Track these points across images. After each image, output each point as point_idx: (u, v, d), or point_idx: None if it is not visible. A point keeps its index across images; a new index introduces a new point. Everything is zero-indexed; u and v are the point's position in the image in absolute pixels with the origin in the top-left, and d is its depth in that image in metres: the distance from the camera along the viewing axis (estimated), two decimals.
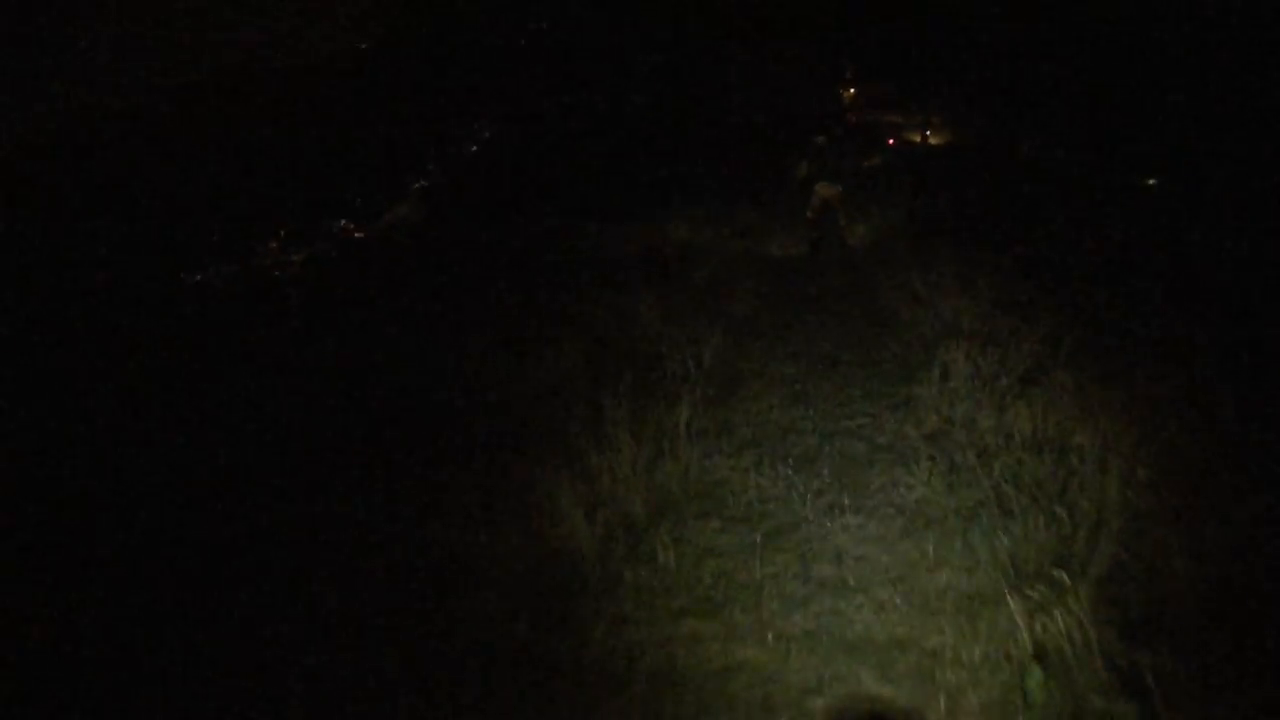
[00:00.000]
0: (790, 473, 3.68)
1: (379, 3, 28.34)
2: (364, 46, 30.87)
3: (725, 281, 6.96)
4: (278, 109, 30.53)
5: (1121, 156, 13.90)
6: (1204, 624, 2.42)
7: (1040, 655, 2.44)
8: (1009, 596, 2.70)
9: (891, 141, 21.04)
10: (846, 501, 3.44)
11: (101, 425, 4.55)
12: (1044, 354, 4.44)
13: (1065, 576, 2.71)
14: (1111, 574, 2.73)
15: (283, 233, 26.05)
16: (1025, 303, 5.35)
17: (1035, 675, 2.36)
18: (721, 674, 2.53)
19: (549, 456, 3.65)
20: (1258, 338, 4.31)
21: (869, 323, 6.04)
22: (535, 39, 28.90)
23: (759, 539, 3.22)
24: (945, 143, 21.31)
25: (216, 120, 30.37)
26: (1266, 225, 6.98)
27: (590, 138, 22.08)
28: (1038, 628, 2.54)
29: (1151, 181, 12.01)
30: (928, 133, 21.17)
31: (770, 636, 2.67)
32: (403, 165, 28.41)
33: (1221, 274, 5.85)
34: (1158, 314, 4.92)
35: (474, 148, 29.71)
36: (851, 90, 24.89)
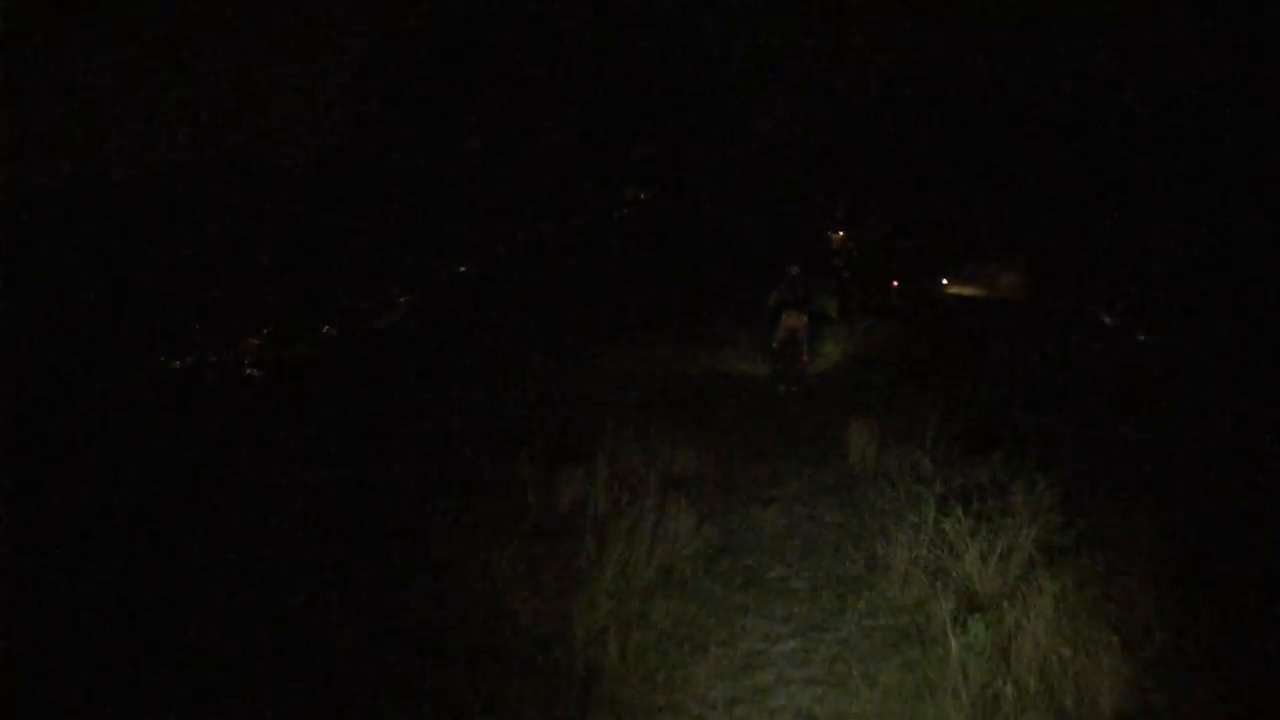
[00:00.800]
0: None
1: (361, 102, 27.94)
2: (352, 143, 30.74)
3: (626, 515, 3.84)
4: (266, 200, 30.63)
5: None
6: None
7: None
8: None
9: (894, 283, 19.41)
10: None
11: (75, 498, 4.50)
12: None
13: None
14: None
15: (266, 331, 25.88)
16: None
17: None
18: None
19: None
20: None
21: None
22: (528, 157, 28.17)
23: None
24: (955, 293, 19.51)
25: (211, 207, 30.25)
26: None
27: (571, 266, 20.91)
28: None
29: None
30: (944, 281, 19.20)
31: None
32: (391, 275, 28.07)
33: None
34: None
35: (459, 267, 28.88)
36: (841, 233, 23.98)
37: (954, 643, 2.72)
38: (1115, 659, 2.32)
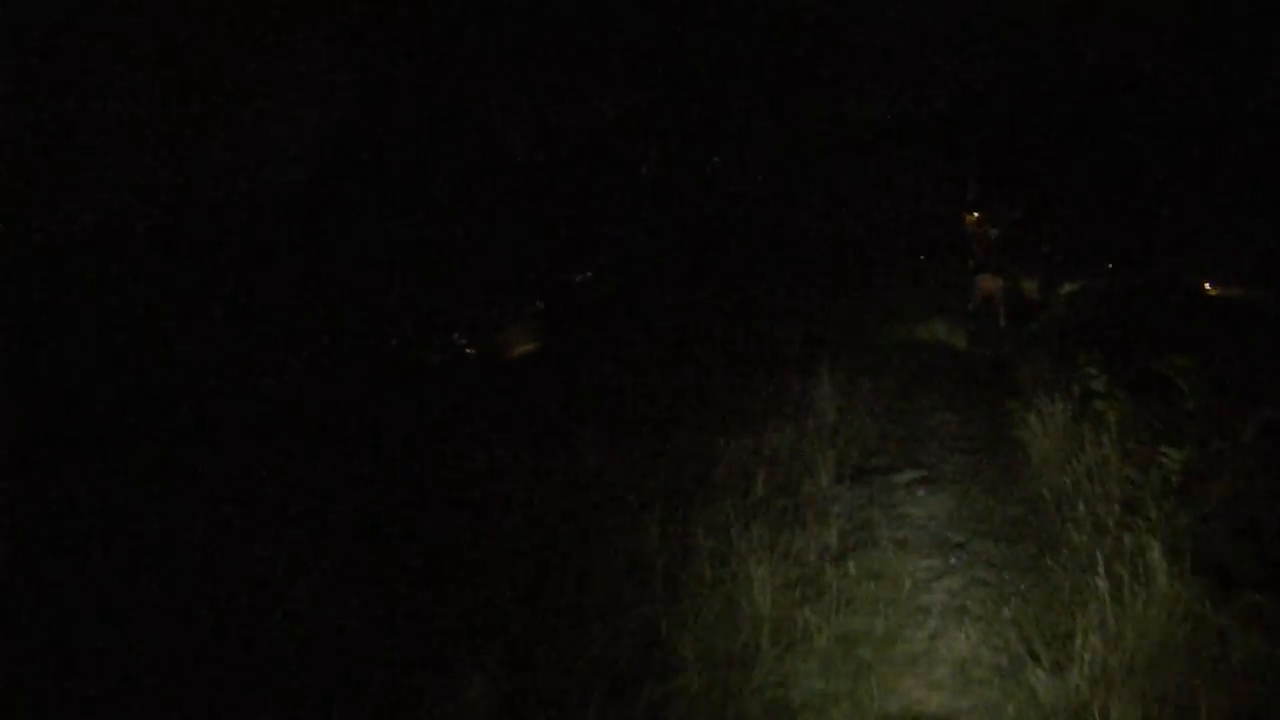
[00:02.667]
0: None
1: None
2: None
3: None
4: None
5: None
6: None
7: None
8: None
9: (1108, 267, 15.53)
10: None
11: None
12: None
13: None
14: None
15: (394, 342, 25.32)
16: None
17: None
18: None
19: None
20: None
21: None
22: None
23: None
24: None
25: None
26: None
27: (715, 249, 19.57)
28: None
29: None
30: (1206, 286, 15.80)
31: None
32: (517, 287, 27.50)
33: None
34: None
35: (587, 274, 28.45)
36: (975, 214, 22.79)
37: None
38: None
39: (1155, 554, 3.11)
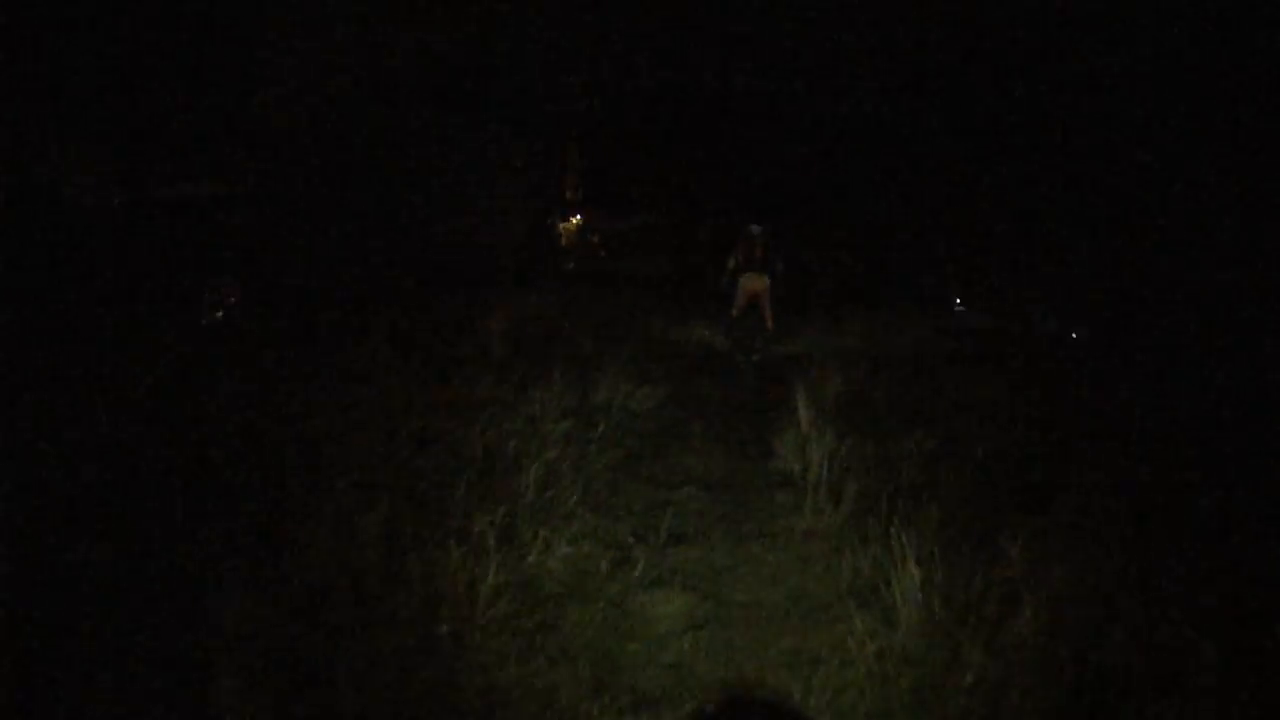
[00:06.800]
0: None
1: None
2: None
3: None
4: None
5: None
6: None
7: None
8: None
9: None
10: None
11: None
12: None
13: None
14: None
15: None
16: None
17: None
18: None
19: None
20: None
21: None
22: None
23: None
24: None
25: None
26: None
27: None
28: None
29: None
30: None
31: None
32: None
33: None
34: None
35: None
36: (575, 219, 20.38)
37: None
38: None
39: None
